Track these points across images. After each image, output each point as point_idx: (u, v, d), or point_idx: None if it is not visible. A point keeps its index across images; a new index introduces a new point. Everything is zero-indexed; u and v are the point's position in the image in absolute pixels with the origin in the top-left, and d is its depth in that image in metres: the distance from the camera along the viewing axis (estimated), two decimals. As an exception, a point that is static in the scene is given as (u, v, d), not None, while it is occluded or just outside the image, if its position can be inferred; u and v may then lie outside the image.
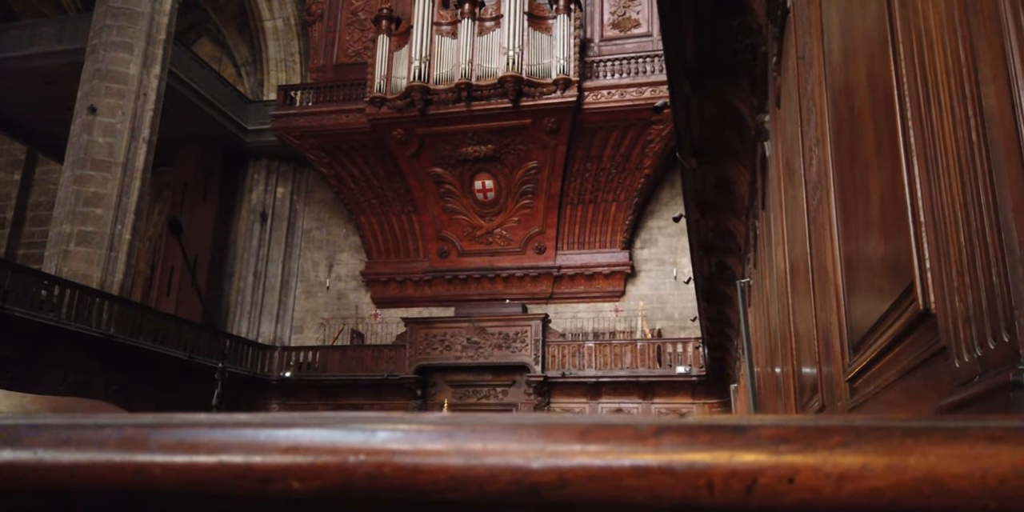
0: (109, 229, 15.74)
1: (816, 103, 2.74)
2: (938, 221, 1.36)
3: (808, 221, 3.07)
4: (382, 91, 20.07)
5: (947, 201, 1.29)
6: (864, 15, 1.90)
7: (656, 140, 19.16)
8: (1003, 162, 1.07)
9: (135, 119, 16.83)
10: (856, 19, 2.01)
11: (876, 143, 1.81)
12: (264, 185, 22.99)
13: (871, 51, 1.82)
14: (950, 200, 1.27)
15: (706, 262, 10.05)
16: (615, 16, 20.64)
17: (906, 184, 1.52)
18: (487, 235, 21.08)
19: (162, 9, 17.89)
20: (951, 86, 1.24)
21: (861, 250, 2.17)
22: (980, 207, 1.15)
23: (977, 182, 1.15)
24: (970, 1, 1.16)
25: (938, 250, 1.40)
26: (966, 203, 1.21)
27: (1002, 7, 1.06)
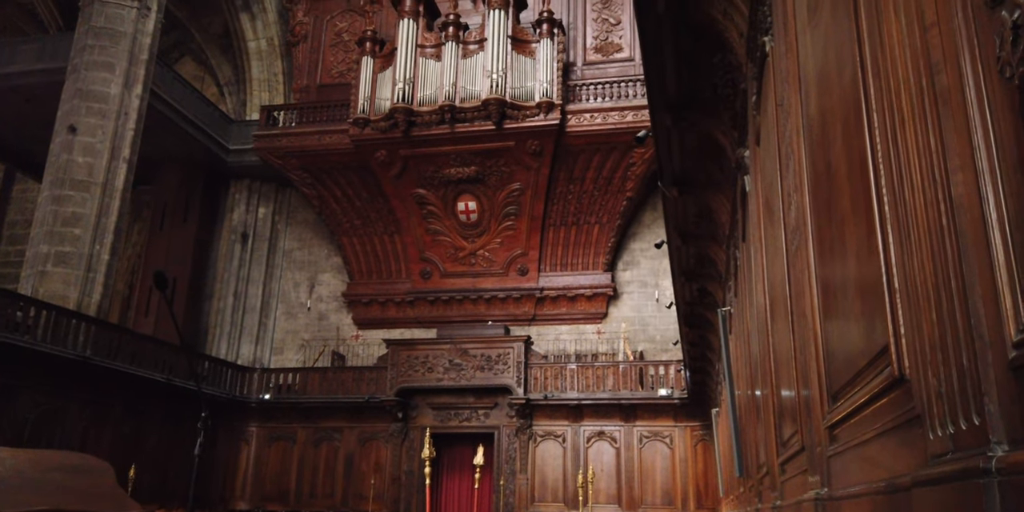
0: (87, 249, 15.61)
1: (794, 151, 2.78)
2: (911, 294, 1.38)
3: (787, 264, 3.11)
4: (365, 112, 20.12)
5: (919, 278, 1.31)
6: (840, 77, 1.94)
7: (638, 163, 19.31)
8: (972, 251, 1.10)
9: (115, 138, 16.75)
10: (832, 79, 2.05)
11: (852, 203, 1.84)
12: (245, 205, 22.90)
13: (847, 114, 1.86)
14: (922, 278, 1.30)
15: (688, 288, 10.11)
16: (598, 41, 20.85)
17: (880, 252, 1.55)
18: (470, 256, 21.09)
19: (145, 29, 17.89)
20: (922, 167, 1.27)
21: (839, 302, 2.20)
22: (951, 290, 1.18)
23: (948, 266, 1.18)
24: (940, 88, 1.20)
25: (911, 321, 1.42)
26: (937, 284, 1.23)
27: (968, 100, 1.10)
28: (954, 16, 1.13)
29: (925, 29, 1.25)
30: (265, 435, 19.68)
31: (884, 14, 1.48)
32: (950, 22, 1.14)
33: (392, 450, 18.96)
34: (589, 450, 18.04)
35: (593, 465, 16.99)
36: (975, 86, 1.08)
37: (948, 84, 1.16)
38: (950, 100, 1.16)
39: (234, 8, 23.09)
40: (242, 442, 19.61)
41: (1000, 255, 1.02)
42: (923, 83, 1.26)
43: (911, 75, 1.32)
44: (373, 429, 19.23)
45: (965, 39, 1.10)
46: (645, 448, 17.79)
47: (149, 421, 16.63)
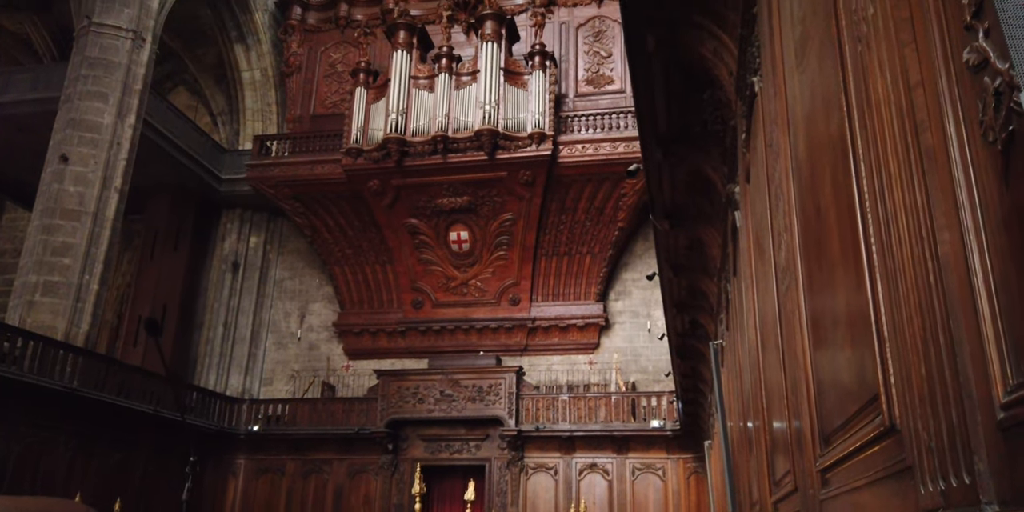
0: (76, 279, 15.52)
1: (784, 192, 2.80)
2: (900, 346, 1.39)
3: (778, 303, 3.12)
4: (359, 142, 20.22)
5: (908, 331, 1.32)
6: (827, 124, 1.96)
7: (630, 194, 19.42)
8: (958, 308, 1.11)
9: (107, 168, 16.76)
10: (820, 125, 2.08)
11: (841, 250, 1.86)
12: (237, 234, 22.86)
13: (835, 161, 1.88)
14: (911, 331, 1.30)
15: (679, 320, 10.11)
16: (589, 73, 21.09)
17: (870, 301, 1.55)
18: (462, 286, 21.06)
19: (139, 59, 17.99)
20: (909, 223, 1.28)
21: (830, 345, 2.20)
22: (939, 345, 1.18)
23: (936, 321, 1.19)
24: (925, 147, 1.21)
25: (901, 371, 1.43)
26: (926, 338, 1.24)
27: (953, 160, 1.11)
28: (938, 77, 1.15)
29: (910, 88, 1.27)
30: (253, 467, 19.43)
31: (869, 68, 1.50)
32: (934, 83, 1.17)
33: (382, 483, 18.73)
34: (581, 483, 17.86)
35: (585, 498, 16.83)
36: (959, 147, 1.10)
37: (933, 143, 1.18)
38: (935, 159, 1.17)
39: (229, 39, 23.28)
40: (229, 475, 19.34)
41: (986, 315, 1.03)
42: (908, 140, 1.28)
43: (896, 131, 1.34)
44: (363, 461, 19.01)
45: (949, 101, 1.12)
46: (638, 481, 17.63)
47: (136, 453, 16.41)
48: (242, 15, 22.98)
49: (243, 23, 23.13)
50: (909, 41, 1.26)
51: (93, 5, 17.62)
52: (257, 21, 23.27)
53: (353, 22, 23.15)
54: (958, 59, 1.09)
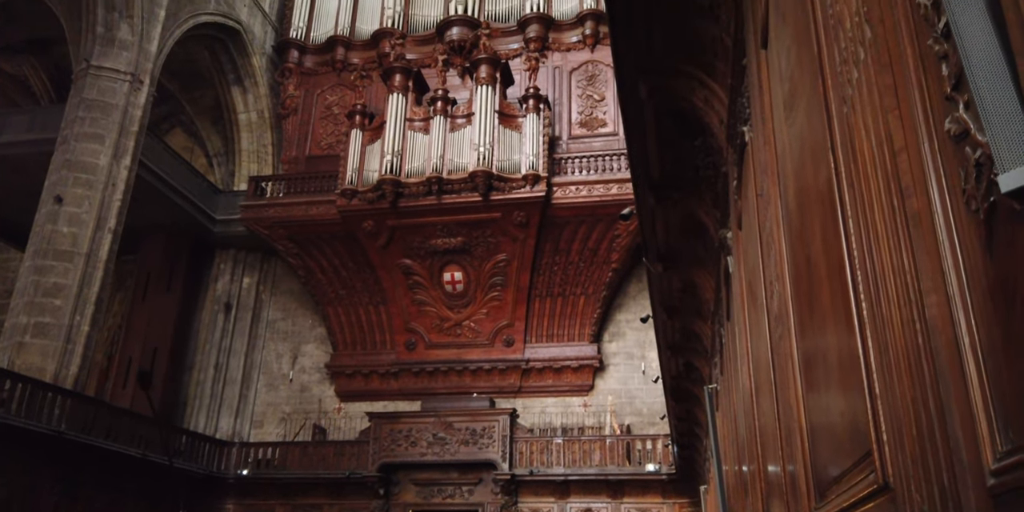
0: (67, 320, 15.42)
1: (775, 241, 2.83)
2: (892, 405, 1.39)
3: (771, 350, 3.12)
4: (354, 183, 20.33)
5: (899, 391, 1.33)
6: (816, 179, 1.99)
7: (623, 235, 19.50)
8: (947, 372, 1.12)
9: (102, 209, 16.78)
10: (809, 180, 2.11)
11: (832, 304, 1.87)
12: (230, 275, 22.81)
13: (824, 216, 1.91)
14: (901, 391, 1.31)
15: (674, 362, 10.08)
16: (583, 116, 21.35)
17: (861, 359, 1.56)
18: (455, 327, 20.98)
19: (136, 102, 18.16)
20: (897, 284, 1.30)
21: (822, 397, 2.20)
22: (929, 408, 1.19)
23: (925, 383, 1.20)
24: (910, 211, 1.23)
25: (893, 430, 1.43)
26: (916, 399, 1.25)
27: (938, 226, 1.13)
28: (922, 144, 1.18)
29: (895, 153, 1.29)
30: (242, 512, 19.09)
31: (855, 130, 1.54)
32: (918, 149, 1.19)
33: (373, 528, 18.39)
34: (576, 528, 17.57)
35: (580, 544, 16.54)
36: (943, 213, 1.12)
37: (918, 208, 1.20)
38: (921, 223, 1.19)
39: (226, 82, 23.55)
40: (218, 520, 18.99)
41: (975, 380, 1.04)
42: (895, 203, 1.30)
43: (883, 193, 1.36)
44: (354, 506, 18.69)
45: (932, 167, 1.15)
46: (633, 526, 17.35)
47: (123, 497, 16.11)
48: (240, 58, 23.29)
49: (240, 66, 23.43)
50: (893, 107, 1.29)
51: (92, 48, 17.84)
52: (254, 64, 23.58)
53: (350, 65, 23.47)
54: (940, 127, 1.11)
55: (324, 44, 23.81)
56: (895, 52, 1.29)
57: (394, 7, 23.16)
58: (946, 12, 0.96)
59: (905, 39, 1.23)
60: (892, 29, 1.30)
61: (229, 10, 22.16)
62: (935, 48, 1.11)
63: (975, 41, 0.87)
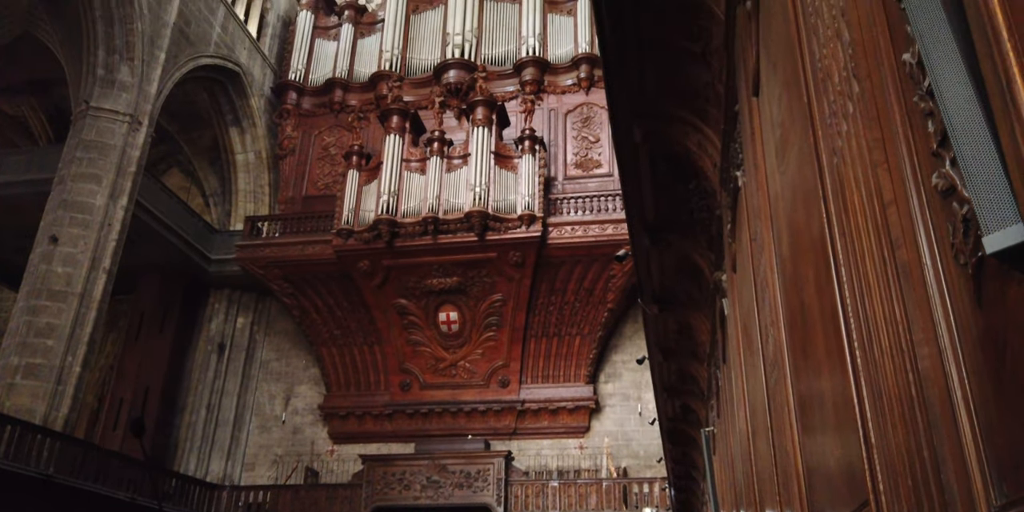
0: (59, 362, 15.29)
1: (769, 285, 2.85)
2: (887, 455, 1.39)
3: (767, 397, 3.11)
4: (350, 223, 20.39)
5: (894, 441, 1.33)
6: (808, 227, 2.02)
7: (618, 275, 19.52)
8: (941, 424, 1.12)
9: (97, 249, 16.77)
10: (801, 227, 2.13)
11: (826, 352, 1.88)
12: (224, 315, 22.71)
13: (817, 263, 1.93)
14: (896, 442, 1.31)
15: (670, 404, 10.01)
16: (578, 156, 21.55)
17: (856, 407, 1.57)
18: (450, 368, 20.85)
19: (135, 142, 18.28)
20: (889, 334, 1.31)
21: (819, 445, 2.19)
22: (923, 459, 1.19)
23: (919, 434, 1.20)
24: (900, 262, 1.25)
25: (889, 481, 1.42)
26: (911, 450, 1.25)
27: (928, 278, 1.15)
28: (910, 197, 1.20)
29: (884, 205, 1.32)
30: (231, 558, 18.70)
31: (846, 181, 1.56)
32: (907, 202, 1.21)
33: (365, 574, 18.02)
34: (572, 574, 17.24)
35: (576, 590, 16.21)
36: (932, 266, 1.13)
37: (908, 260, 1.22)
38: (911, 275, 1.21)
39: (224, 123, 23.76)
40: (206, 566, 18.59)
41: (968, 433, 1.04)
42: (885, 254, 1.32)
43: (873, 244, 1.38)
44: (346, 551, 18.34)
45: (921, 221, 1.17)
46: (630, 571, 17.03)
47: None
48: (238, 99, 23.54)
49: (239, 107, 23.67)
50: (881, 161, 1.32)
51: (92, 90, 18.03)
52: (253, 105, 23.83)
53: (347, 107, 23.74)
54: (928, 182, 1.14)
55: (322, 86, 24.11)
56: (882, 107, 1.32)
57: (392, 51, 23.52)
58: (929, 76, 0.99)
59: (892, 95, 1.27)
60: (879, 85, 1.34)
61: (229, 53, 22.48)
62: (921, 105, 1.14)
63: (958, 106, 0.90)
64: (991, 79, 0.83)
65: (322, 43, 24.74)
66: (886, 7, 1.32)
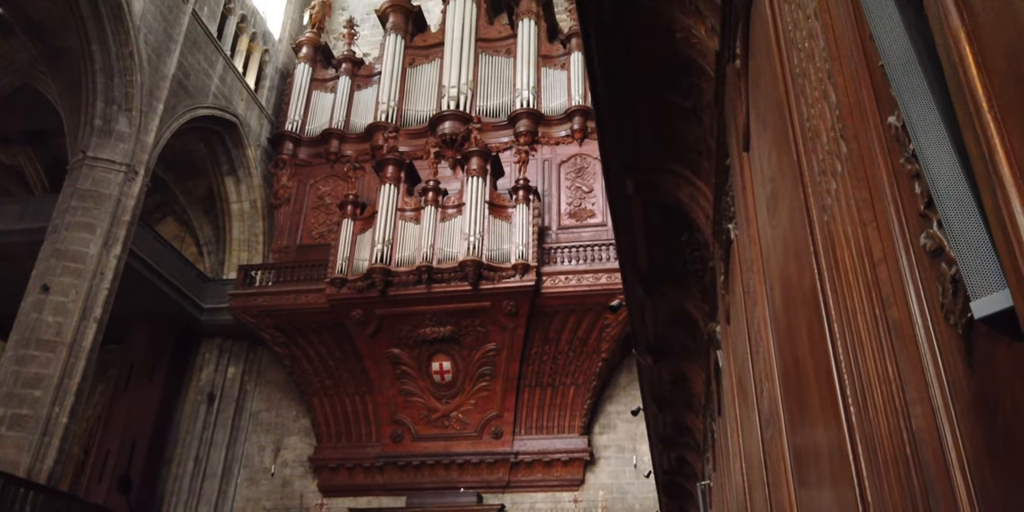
0: (46, 412, 15.05)
1: (763, 339, 2.85)
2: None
3: (763, 451, 3.08)
4: (343, 272, 20.37)
5: (891, 503, 1.32)
6: (801, 282, 2.03)
7: (613, 325, 19.47)
8: (937, 485, 1.11)
9: (88, 298, 16.67)
10: (794, 282, 2.15)
11: (821, 408, 1.87)
12: (215, 365, 22.50)
13: (810, 318, 1.94)
14: (894, 502, 1.30)
15: (666, 456, 9.89)
16: (572, 206, 21.71)
17: (852, 466, 1.55)
18: (443, 419, 20.59)
19: (130, 192, 18.34)
20: (883, 392, 1.31)
21: (816, 500, 2.17)
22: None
23: (915, 496, 1.19)
24: (892, 320, 1.26)
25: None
26: (906, 509, 1.24)
27: (919, 337, 1.15)
28: (899, 256, 1.22)
29: (874, 263, 1.33)
30: None
31: (836, 238, 1.58)
32: (896, 261, 1.23)
33: None
34: None
35: None
36: (923, 325, 1.14)
37: (899, 318, 1.23)
38: (902, 333, 1.22)
39: (220, 172, 23.93)
40: None
41: (963, 493, 1.04)
42: (876, 312, 1.33)
43: (865, 301, 1.39)
44: (334, 609, 17.81)
45: (911, 279, 1.18)
46: None
47: (90, 601, 15.33)
48: (235, 149, 23.75)
49: (235, 157, 23.86)
50: (870, 220, 1.34)
51: (89, 140, 18.18)
52: (249, 155, 24.03)
53: (343, 157, 23.96)
54: (917, 242, 1.16)
55: (319, 136, 24.37)
56: (870, 168, 1.35)
57: (388, 102, 23.86)
58: (912, 141, 1.02)
59: (879, 156, 1.30)
60: (866, 146, 1.37)
61: (226, 104, 22.77)
62: (907, 167, 1.16)
63: (941, 171, 0.92)
64: (973, 147, 0.85)
65: (319, 95, 25.11)
66: (871, 71, 1.35)
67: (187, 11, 20.63)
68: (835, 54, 1.54)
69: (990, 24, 0.84)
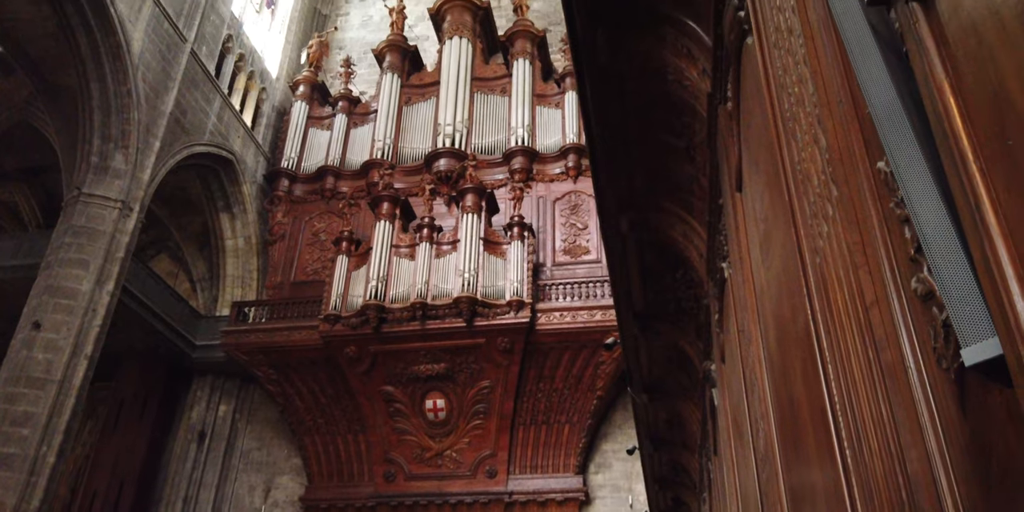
0: (33, 451, 14.84)
1: (758, 378, 2.84)
2: (884, 560, 1.37)
3: (760, 493, 3.06)
4: (337, 309, 20.31)
5: (889, 547, 1.31)
6: (795, 323, 2.04)
7: (608, 362, 19.38)
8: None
9: (80, 335, 16.55)
10: (788, 323, 2.15)
11: (817, 450, 1.87)
12: (207, 402, 22.26)
13: (804, 359, 1.94)
14: (892, 548, 1.29)
15: (662, 497, 9.78)
16: (566, 243, 21.76)
17: (848, 509, 1.54)
18: (436, 458, 20.34)
19: (125, 228, 18.33)
20: (878, 435, 1.31)
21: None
22: (921, 567, 1.17)
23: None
24: (885, 363, 1.27)
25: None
26: (907, 556, 1.23)
27: (912, 380, 1.16)
28: (891, 300, 1.23)
29: (867, 306, 1.35)
30: None
31: (829, 281, 1.60)
32: (888, 305, 1.24)
33: None
34: None
35: None
36: (916, 368, 1.15)
37: (892, 361, 1.24)
38: (896, 377, 1.22)
39: (215, 209, 23.98)
40: None
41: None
42: (870, 355, 1.34)
43: (858, 344, 1.40)
44: None
45: (903, 323, 1.19)
46: None
47: None
48: (231, 186, 23.84)
49: (231, 193, 23.94)
50: (862, 263, 1.36)
51: (85, 177, 18.23)
52: (245, 192, 24.11)
53: (339, 194, 24.05)
54: (908, 286, 1.17)
55: (314, 173, 24.49)
56: (861, 211, 1.37)
57: (384, 140, 24.05)
58: (900, 188, 1.03)
59: (869, 201, 1.32)
60: (856, 190, 1.39)
61: (223, 141, 22.92)
62: (897, 212, 1.18)
63: (929, 219, 0.94)
64: (960, 197, 0.87)
65: (316, 132, 25.31)
66: (860, 116, 1.38)
67: (186, 50, 20.88)
68: (824, 100, 1.57)
69: (973, 77, 0.86)
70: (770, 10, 2.13)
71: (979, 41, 0.85)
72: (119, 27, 18.02)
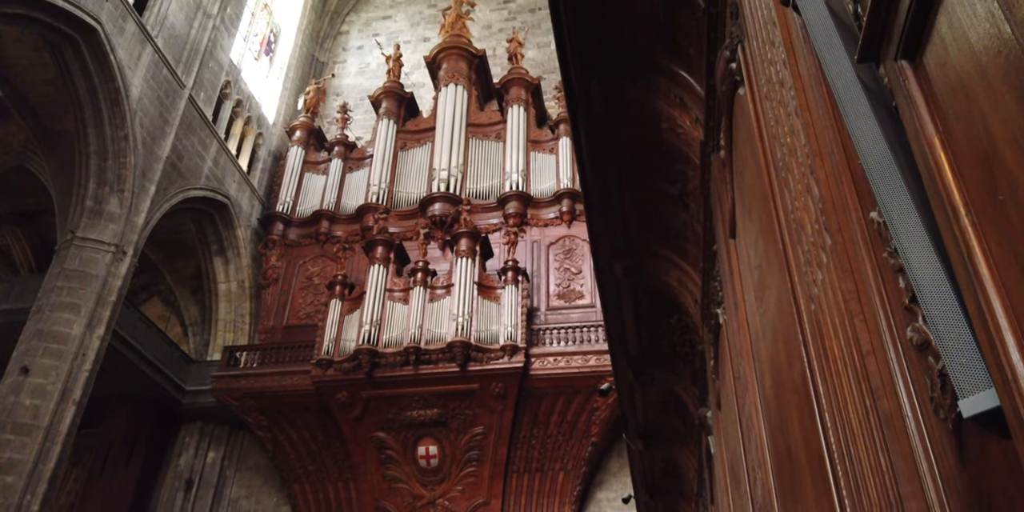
0: (16, 500, 14.52)
1: (755, 426, 2.83)
2: None
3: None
4: (330, 353, 20.16)
5: (892, 600, 1.29)
6: (791, 371, 2.04)
7: (602, 408, 19.21)
8: (939, 583, 1.10)
9: (68, 380, 16.34)
10: (784, 371, 2.15)
11: (815, 498, 1.85)
12: (195, 449, 21.89)
13: (801, 407, 1.94)
14: (895, 601, 1.28)
15: (658, 547, 9.59)
16: (560, 288, 21.76)
17: (850, 560, 1.53)
18: (428, 506, 19.96)
19: (117, 272, 18.25)
20: (876, 485, 1.30)
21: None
22: None
23: (918, 594, 1.17)
24: (882, 412, 1.27)
25: None
26: (911, 610, 1.21)
27: (910, 429, 1.16)
28: (887, 348, 1.24)
29: (863, 355, 1.35)
30: None
31: (824, 329, 1.61)
32: (884, 353, 1.25)
33: None
34: None
35: None
36: (914, 418, 1.15)
37: (889, 410, 1.24)
38: (893, 426, 1.22)
39: (209, 252, 23.95)
40: None
41: (966, 595, 1.02)
42: (867, 403, 1.34)
43: (855, 392, 1.40)
44: None
45: (899, 372, 1.20)
46: None
47: None
48: (225, 230, 23.86)
49: (225, 237, 23.94)
50: (857, 312, 1.37)
51: (79, 220, 18.23)
52: (239, 236, 24.13)
53: (333, 238, 24.09)
54: (903, 335, 1.18)
55: (309, 217, 24.57)
56: (855, 260, 1.38)
57: (379, 184, 24.21)
58: (895, 240, 1.05)
59: (863, 250, 1.33)
60: (850, 239, 1.41)
61: (218, 185, 23.03)
62: (891, 261, 1.20)
63: (924, 271, 0.95)
64: (953, 250, 0.89)
65: (311, 177, 25.48)
66: (852, 167, 1.41)
67: (184, 95, 21.12)
68: (816, 150, 1.60)
69: (963, 132, 0.89)
70: (762, 63, 2.19)
71: (967, 98, 0.88)
72: (118, 73, 18.25)
